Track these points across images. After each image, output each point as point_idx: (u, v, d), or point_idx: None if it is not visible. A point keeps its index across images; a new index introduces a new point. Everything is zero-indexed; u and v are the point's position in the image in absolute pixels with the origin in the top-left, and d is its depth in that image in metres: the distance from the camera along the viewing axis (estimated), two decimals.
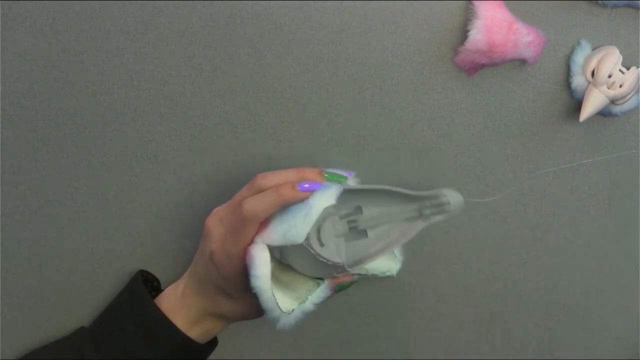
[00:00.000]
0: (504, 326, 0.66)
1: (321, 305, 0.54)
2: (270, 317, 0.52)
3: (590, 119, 0.59)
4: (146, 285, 0.61)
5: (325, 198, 0.51)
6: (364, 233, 0.54)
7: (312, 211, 0.51)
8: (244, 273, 0.52)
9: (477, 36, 0.57)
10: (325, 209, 0.51)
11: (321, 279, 0.54)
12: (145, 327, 0.55)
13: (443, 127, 0.62)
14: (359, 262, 0.53)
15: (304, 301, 0.53)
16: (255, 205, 0.51)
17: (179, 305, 0.57)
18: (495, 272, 0.65)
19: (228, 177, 0.62)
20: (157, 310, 0.55)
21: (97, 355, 0.56)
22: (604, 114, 0.61)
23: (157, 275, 0.63)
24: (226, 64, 0.60)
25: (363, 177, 0.63)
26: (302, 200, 0.51)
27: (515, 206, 0.64)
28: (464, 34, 0.59)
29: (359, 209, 0.54)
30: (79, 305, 0.63)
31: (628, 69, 0.60)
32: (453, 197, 0.51)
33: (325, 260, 0.52)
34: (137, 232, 0.63)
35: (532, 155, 0.63)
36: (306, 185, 0.51)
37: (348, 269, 0.53)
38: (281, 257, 0.55)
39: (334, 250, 0.53)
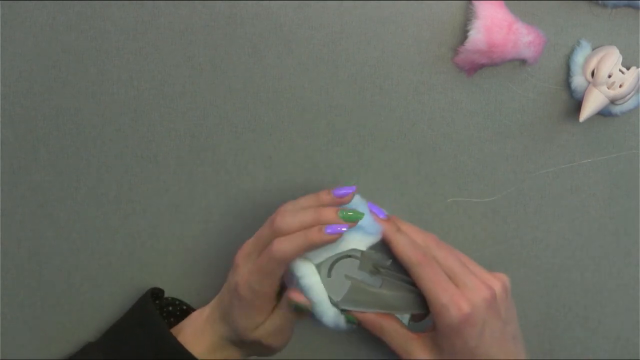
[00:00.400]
0: None
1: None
2: (319, 310, 0.53)
3: (590, 119, 0.59)
4: (152, 297, 0.60)
5: (360, 241, 0.53)
6: (377, 281, 0.54)
7: (341, 245, 0.53)
8: (265, 310, 0.55)
9: (477, 36, 0.57)
10: (353, 250, 0.53)
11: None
12: (164, 358, 0.56)
13: (443, 127, 0.62)
14: (351, 304, 0.54)
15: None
16: (284, 247, 0.52)
17: (201, 330, 0.57)
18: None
19: (228, 177, 0.62)
20: (175, 340, 0.56)
21: None
22: (604, 114, 0.61)
23: (156, 276, 0.63)
24: (226, 64, 0.60)
25: (363, 176, 0.63)
26: (329, 242, 0.52)
27: (515, 206, 0.64)
28: (464, 34, 0.59)
29: (388, 261, 0.54)
30: (79, 305, 0.63)
31: (628, 69, 0.60)
32: None
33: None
34: (137, 232, 0.63)
35: (532, 155, 0.63)
36: (332, 229, 0.52)
37: (339, 306, 0.53)
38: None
39: (332, 287, 0.53)
